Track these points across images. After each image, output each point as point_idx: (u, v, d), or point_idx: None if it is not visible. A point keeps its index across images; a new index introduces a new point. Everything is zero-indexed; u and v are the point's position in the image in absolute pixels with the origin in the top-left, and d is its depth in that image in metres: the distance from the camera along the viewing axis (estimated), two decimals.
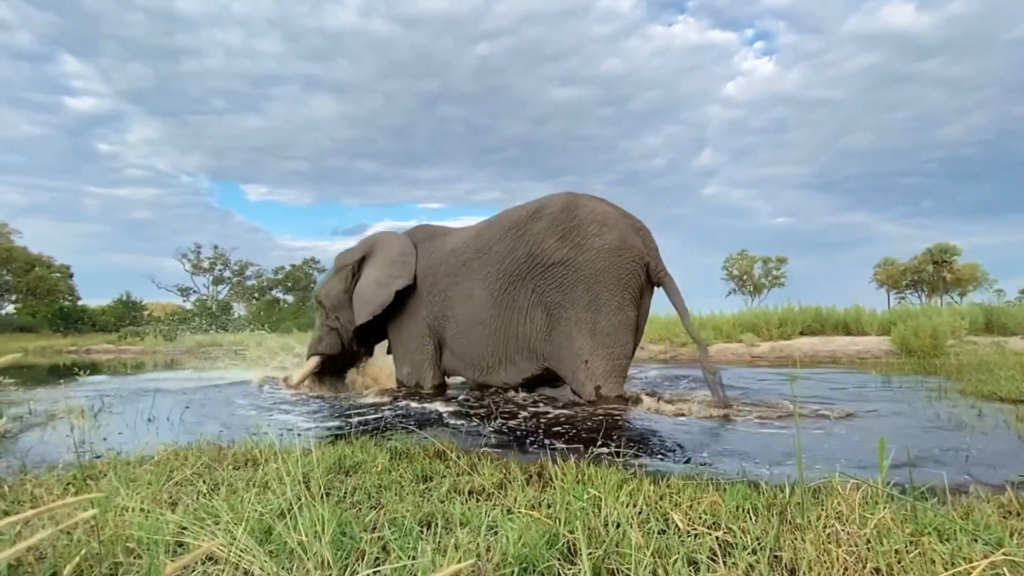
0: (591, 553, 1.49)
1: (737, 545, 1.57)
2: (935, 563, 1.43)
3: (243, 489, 2.14)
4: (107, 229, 53.61)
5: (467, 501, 2.06)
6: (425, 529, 1.76)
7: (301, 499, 1.77)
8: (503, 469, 2.55)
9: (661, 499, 1.98)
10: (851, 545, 1.52)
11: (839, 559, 1.45)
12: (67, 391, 6.53)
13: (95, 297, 38.91)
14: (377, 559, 1.54)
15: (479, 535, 1.64)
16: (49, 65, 50.01)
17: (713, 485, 2.12)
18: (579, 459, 2.65)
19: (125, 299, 32.01)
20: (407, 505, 1.96)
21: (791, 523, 1.71)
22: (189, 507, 1.93)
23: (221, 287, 37.26)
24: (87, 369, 9.77)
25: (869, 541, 1.53)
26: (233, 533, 1.56)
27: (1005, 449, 3.12)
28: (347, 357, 6.69)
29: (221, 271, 37.29)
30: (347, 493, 2.17)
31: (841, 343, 11.29)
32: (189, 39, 53.22)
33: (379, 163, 62.24)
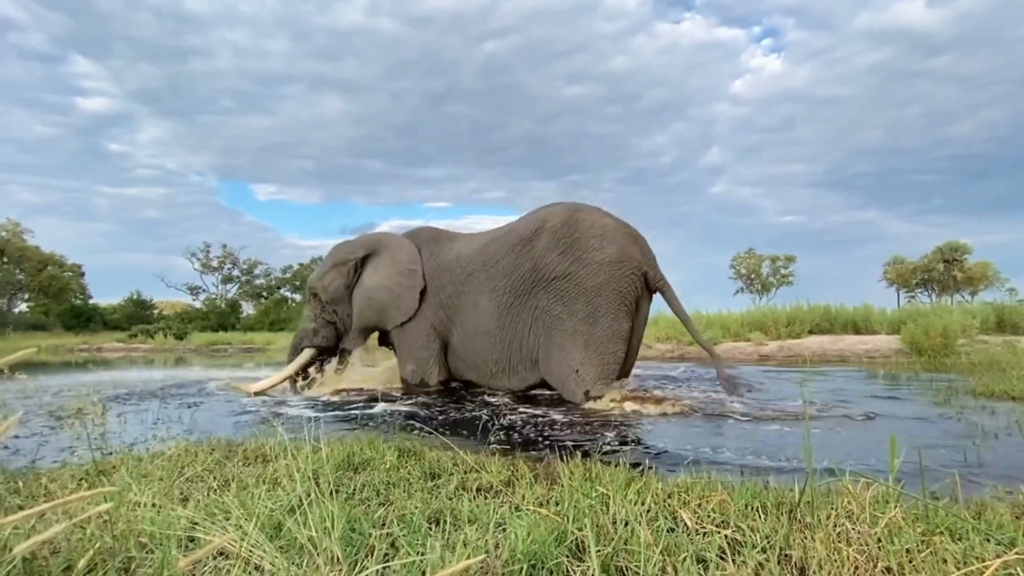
0: (600, 551, 1.49)
1: (746, 544, 1.56)
2: (947, 563, 1.41)
3: (253, 485, 2.16)
4: (118, 228, 54.21)
5: (475, 498, 2.06)
6: (434, 526, 1.77)
7: (311, 495, 1.78)
8: (511, 467, 2.56)
9: (669, 497, 1.97)
10: (862, 544, 1.51)
11: (850, 558, 1.44)
12: (79, 388, 6.60)
13: (106, 296, 39.39)
14: (386, 555, 1.54)
15: (488, 532, 1.64)
16: (61, 66, 50.58)
17: (722, 483, 2.11)
18: (586, 457, 2.64)
19: (135, 298, 32.31)
20: (415, 502, 1.97)
21: (801, 522, 1.70)
22: (200, 503, 1.94)
23: (230, 286, 37.50)
24: (98, 366, 9.87)
25: (880, 540, 1.52)
26: (244, 529, 1.57)
27: (1017, 449, 3.09)
28: (336, 351, 6.70)
29: (230, 270, 37.51)
30: (356, 490, 2.18)
31: (850, 342, 11.20)
32: (198, 39, 53.58)
33: (386, 162, 62.46)
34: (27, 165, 49.08)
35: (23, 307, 33.62)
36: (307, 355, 6.41)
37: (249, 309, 34.61)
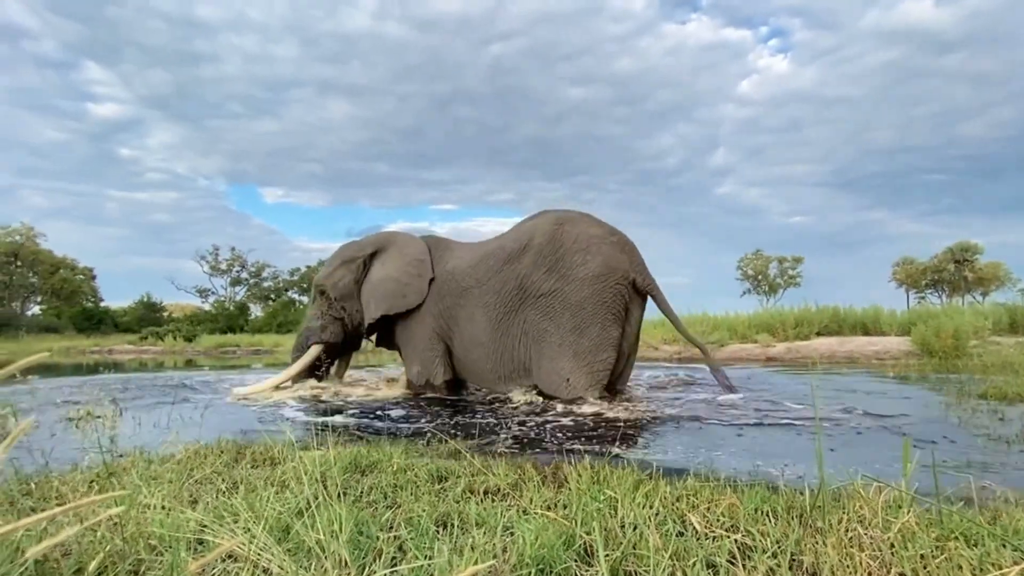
0: (608, 555, 1.48)
1: (756, 548, 1.55)
2: (962, 568, 1.39)
3: (261, 488, 2.16)
4: (128, 232, 54.78)
5: (482, 501, 2.06)
6: (441, 529, 1.77)
7: (318, 498, 1.78)
8: (518, 469, 2.55)
9: (678, 501, 1.96)
10: (874, 549, 1.49)
11: (862, 563, 1.42)
12: (90, 390, 6.65)
13: (117, 298, 39.77)
14: (394, 559, 1.54)
15: (495, 536, 1.63)
16: (73, 72, 51.18)
17: (731, 487, 2.09)
18: (594, 460, 2.63)
19: (146, 300, 32.59)
20: (423, 505, 1.97)
21: (812, 526, 1.68)
22: (209, 505, 1.95)
23: (238, 288, 37.76)
24: (109, 368, 9.96)
25: (893, 545, 1.50)
26: (252, 532, 1.57)
27: None
28: (345, 348, 6.82)
29: (238, 273, 37.78)
30: (363, 492, 2.18)
31: (859, 344, 11.11)
32: (207, 45, 54.07)
33: (393, 165, 62.69)
34: (40, 170, 49.78)
35: (36, 310, 34.03)
36: (315, 351, 6.45)
37: (257, 311, 34.81)
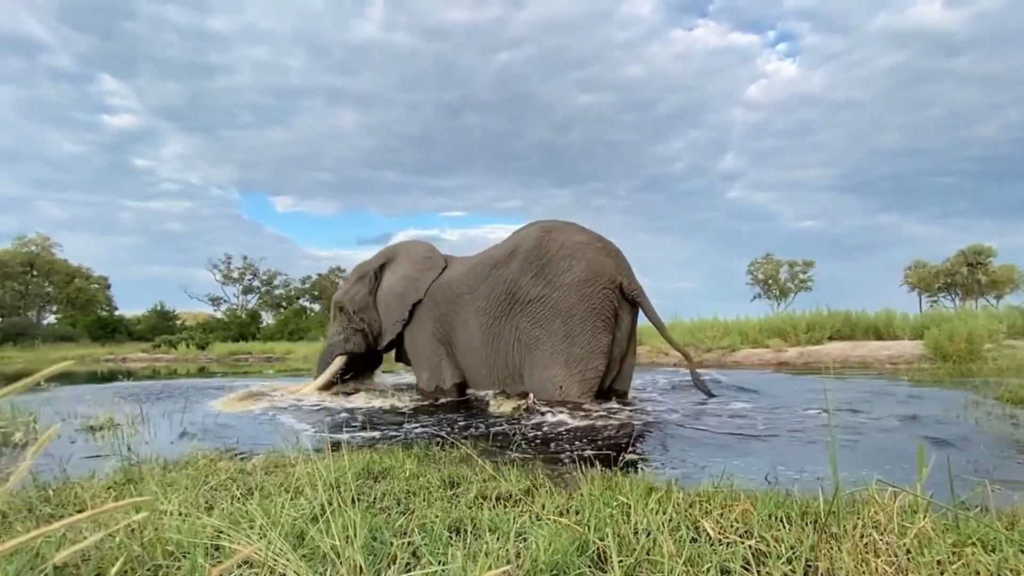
0: (622, 561, 1.48)
1: (771, 554, 1.54)
2: (979, 575, 1.38)
3: (276, 493, 2.18)
4: (142, 241, 55.58)
5: (495, 507, 2.06)
6: (455, 535, 1.77)
7: (332, 504, 1.80)
8: (529, 475, 2.55)
9: (691, 506, 1.95)
10: (890, 555, 1.48)
11: (878, 570, 1.41)
12: (106, 397, 6.74)
13: (131, 307, 40.27)
14: (408, 564, 1.55)
15: (508, 541, 1.64)
16: (88, 85, 52.19)
17: (744, 493, 2.08)
18: (606, 466, 2.63)
19: (159, 309, 32.96)
20: (436, 510, 1.97)
21: (826, 532, 1.67)
22: (225, 511, 1.97)
23: (250, 296, 38.09)
24: (125, 376, 10.07)
25: (909, 551, 1.49)
26: (268, 537, 1.59)
27: None
28: (369, 358, 7.14)
29: (250, 281, 38.17)
30: (377, 498, 2.19)
31: (872, 348, 10.98)
32: (219, 57, 54.93)
33: (402, 173, 63.16)
34: (56, 181, 50.78)
35: (51, 319, 34.53)
36: (340, 361, 6.76)
37: (269, 319, 35.09)
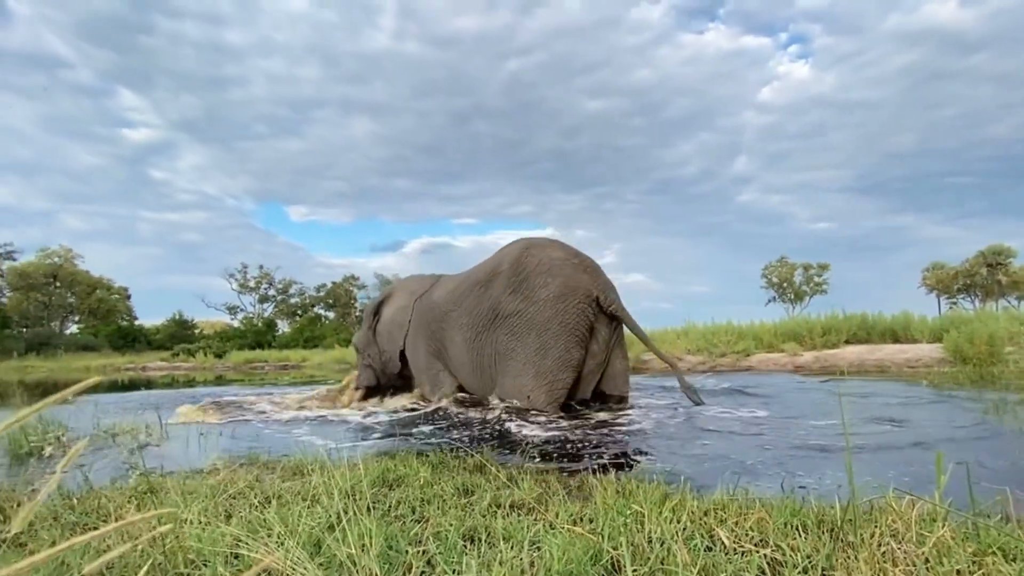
0: (636, 570, 1.48)
1: (787, 564, 1.53)
2: None
3: (293, 502, 2.22)
4: (161, 251, 56.62)
5: (508, 515, 2.07)
6: (469, 543, 1.79)
7: (348, 512, 1.82)
8: (543, 483, 2.56)
9: (705, 515, 1.94)
10: (908, 565, 1.47)
11: None
12: (128, 408, 6.86)
13: (150, 316, 40.94)
14: (423, 573, 1.57)
15: (522, 550, 1.65)
16: (108, 100, 53.43)
17: (759, 501, 2.07)
18: (619, 473, 2.63)
19: (178, 318, 33.48)
20: (450, 519, 1.99)
21: (843, 541, 1.66)
22: (243, 519, 2.00)
23: (266, 305, 38.54)
24: (145, 386, 10.23)
25: (928, 561, 1.47)
26: (286, 546, 1.61)
27: None
28: (385, 385, 7.77)
29: (266, 290, 38.64)
30: (392, 506, 2.22)
31: (890, 351, 10.80)
32: (235, 69, 55.91)
33: (414, 180, 63.64)
34: (77, 194, 51.96)
35: (74, 329, 35.23)
36: (357, 395, 7.52)
37: (284, 327, 35.47)
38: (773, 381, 8.20)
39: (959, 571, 1.42)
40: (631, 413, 5.22)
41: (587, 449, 3.71)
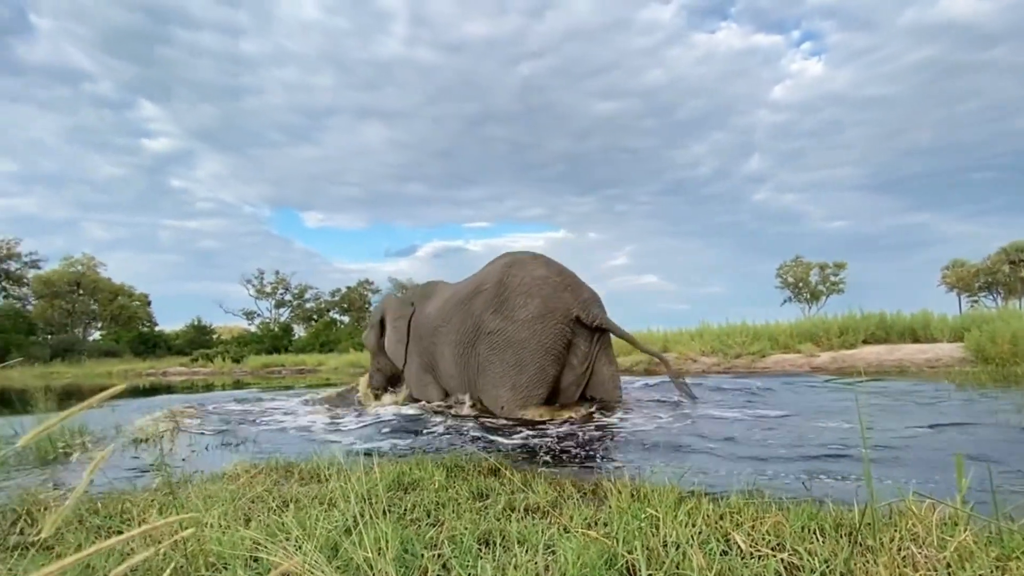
0: (651, 574, 1.48)
1: (804, 568, 1.52)
2: None
3: (310, 506, 2.24)
4: (180, 259, 57.63)
5: (523, 519, 2.08)
6: (484, 547, 1.80)
7: (365, 516, 1.84)
8: (557, 487, 2.56)
9: (721, 518, 1.93)
10: (929, 569, 1.45)
11: None
12: (149, 412, 6.98)
13: (170, 322, 41.67)
14: None
15: (537, 554, 1.65)
16: (128, 111, 54.54)
17: (776, 504, 2.05)
18: (632, 476, 2.62)
19: (196, 324, 33.99)
20: (465, 522, 2.00)
21: (862, 545, 1.64)
22: (262, 523, 2.04)
23: (283, 310, 38.98)
24: (166, 390, 10.40)
25: (950, 565, 1.45)
26: (304, 549, 1.64)
27: None
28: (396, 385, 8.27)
29: (282, 295, 39.09)
30: (407, 510, 2.23)
31: (909, 351, 10.61)
32: (251, 79, 56.76)
33: (427, 185, 63.98)
34: (99, 203, 53.08)
35: (96, 335, 35.95)
36: (370, 395, 7.96)
37: (300, 332, 35.84)
38: (789, 382, 8.11)
39: None
40: (643, 415, 5.20)
41: (599, 452, 3.70)
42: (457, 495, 2.43)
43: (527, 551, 1.69)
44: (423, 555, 1.68)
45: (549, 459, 3.49)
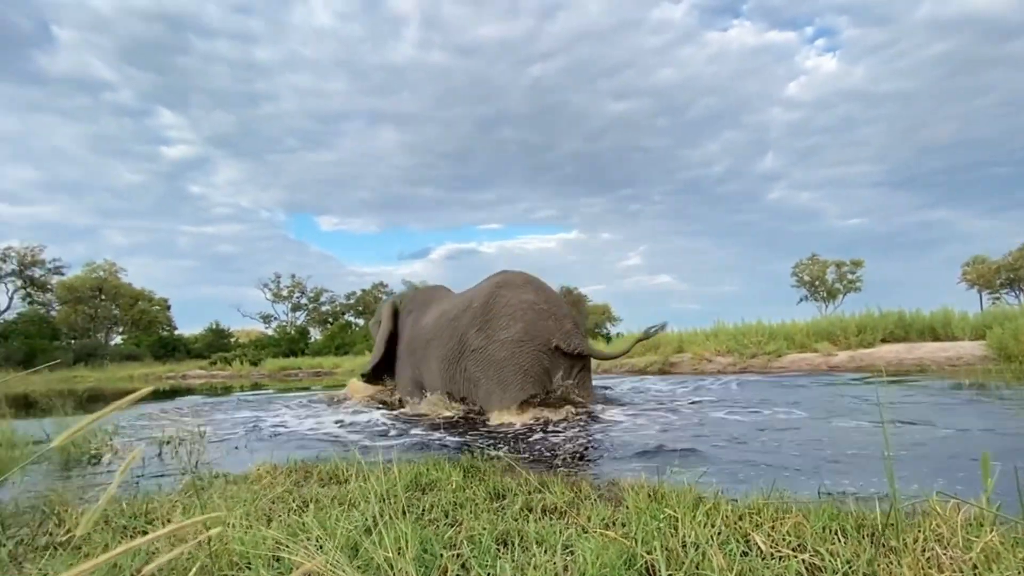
0: (671, 575, 1.47)
1: (826, 569, 1.51)
2: None
3: (330, 506, 2.27)
4: (198, 264, 58.46)
5: (540, 519, 2.08)
6: (502, 547, 1.80)
7: (384, 516, 1.86)
8: (574, 487, 2.56)
9: (740, 519, 1.92)
10: (955, 571, 1.43)
11: None
12: (173, 414, 7.10)
13: (189, 326, 42.30)
14: None
15: (556, 555, 1.65)
16: (147, 119, 55.36)
17: (796, 504, 2.03)
18: (649, 476, 2.61)
19: (215, 328, 34.50)
20: (483, 523, 2.01)
21: (885, 546, 1.62)
22: (283, 522, 2.06)
23: (299, 313, 39.41)
24: (186, 393, 10.57)
25: (976, 567, 1.43)
26: (325, 549, 1.66)
27: None
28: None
29: (299, 298, 39.50)
30: (425, 510, 2.25)
31: (929, 349, 10.42)
32: (266, 85, 57.34)
33: (440, 188, 64.15)
34: (120, 210, 54.04)
35: (118, 339, 36.64)
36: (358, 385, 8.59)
37: (316, 335, 36.18)
38: (806, 382, 8.01)
39: None
40: (661, 415, 5.17)
41: (620, 452, 3.69)
42: (474, 495, 2.45)
43: (546, 551, 1.69)
44: (442, 555, 1.69)
45: (566, 458, 3.48)
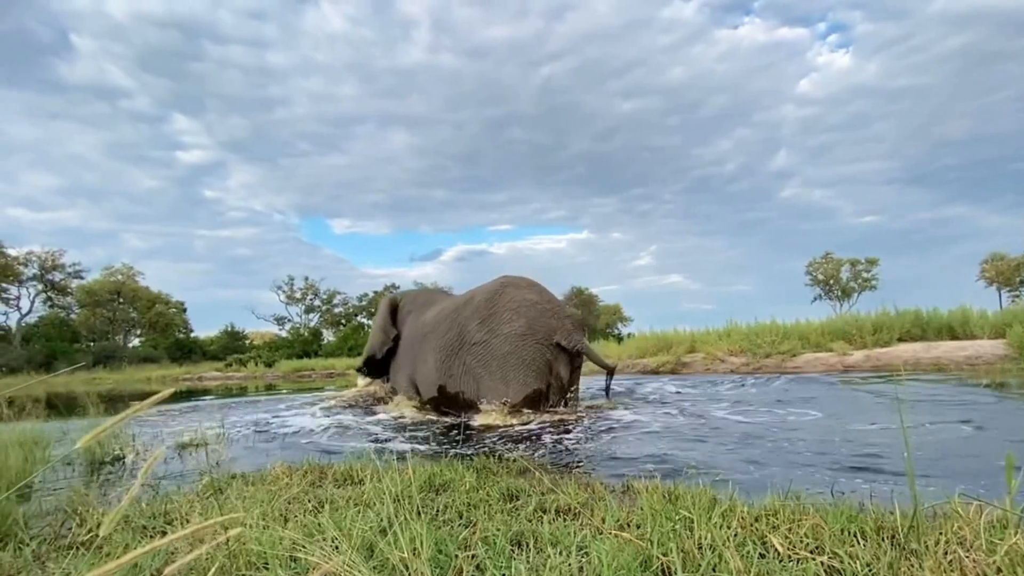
0: None
1: (845, 572, 1.49)
2: None
3: (346, 507, 2.28)
4: (213, 267, 59.33)
5: (555, 520, 2.08)
6: (516, 548, 1.80)
7: (399, 517, 1.87)
8: (587, 487, 2.55)
9: (757, 521, 1.90)
10: (978, 574, 1.40)
11: None
12: (191, 416, 7.19)
13: (204, 329, 42.81)
14: None
15: (570, 556, 1.65)
16: (164, 125, 56.25)
17: (813, 506, 2.01)
18: (664, 477, 2.59)
19: (230, 330, 34.93)
20: (497, 523, 2.01)
21: (905, 549, 1.59)
22: (299, 523, 2.08)
23: (312, 315, 39.72)
24: (202, 394, 10.69)
25: (1000, 570, 1.40)
26: (341, 550, 1.67)
27: None
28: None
29: (312, 301, 39.81)
30: (439, 511, 2.26)
31: (947, 348, 10.23)
32: (279, 90, 57.96)
33: (450, 190, 64.37)
34: (137, 215, 55.00)
35: (136, 342, 37.22)
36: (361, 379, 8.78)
37: (329, 336, 36.46)
38: (821, 381, 7.92)
39: None
40: (673, 415, 5.14)
41: (633, 452, 3.67)
42: (488, 496, 2.45)
43: (560, 552, 1.69)
44: (457, 556, 1.69)
45: (579, 458, 3.48)
